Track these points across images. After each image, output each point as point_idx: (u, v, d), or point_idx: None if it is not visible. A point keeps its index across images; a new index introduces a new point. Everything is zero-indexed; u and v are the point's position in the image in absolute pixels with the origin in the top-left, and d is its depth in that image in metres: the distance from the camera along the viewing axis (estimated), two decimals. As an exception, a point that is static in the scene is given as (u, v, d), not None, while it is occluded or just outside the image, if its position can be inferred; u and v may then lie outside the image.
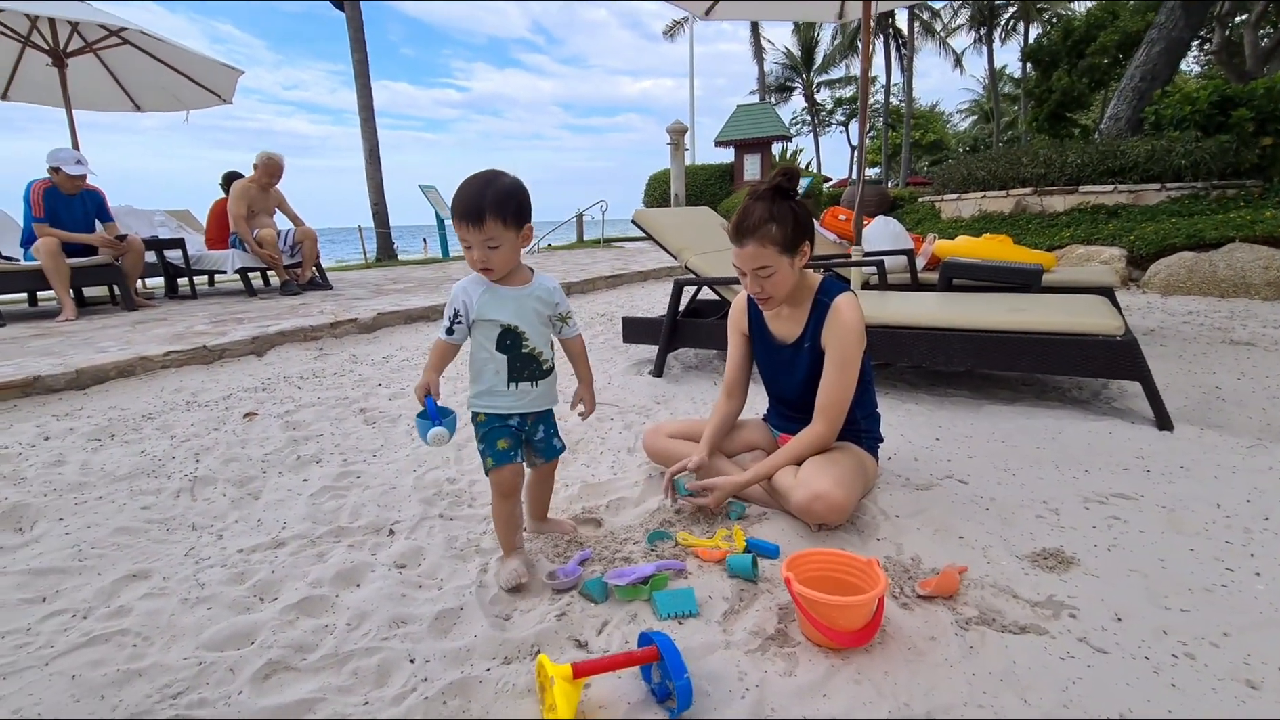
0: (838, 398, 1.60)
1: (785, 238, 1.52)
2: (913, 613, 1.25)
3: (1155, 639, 1.15)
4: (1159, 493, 1.72)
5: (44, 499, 1.86)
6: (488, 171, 1.35)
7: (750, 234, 1.53)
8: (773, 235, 1.51)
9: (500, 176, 1.33)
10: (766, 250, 1.52)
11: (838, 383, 1.59)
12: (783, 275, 1.56)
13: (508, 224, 1.31)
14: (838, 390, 1.60)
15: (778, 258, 1.53)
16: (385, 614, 1.32)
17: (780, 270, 1.55)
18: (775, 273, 1.55)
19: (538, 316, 1.43)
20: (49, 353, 3.28)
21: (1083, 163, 6.72)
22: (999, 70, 31.44)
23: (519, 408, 1.44)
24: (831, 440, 1.64)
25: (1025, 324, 2.36)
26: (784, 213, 1.52)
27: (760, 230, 1.51)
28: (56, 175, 4.63)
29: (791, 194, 1.54)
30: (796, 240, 1.54)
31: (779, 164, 9.97)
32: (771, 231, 1.51)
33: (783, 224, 1.51)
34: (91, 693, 1.12)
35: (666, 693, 1.04)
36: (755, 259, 1.54)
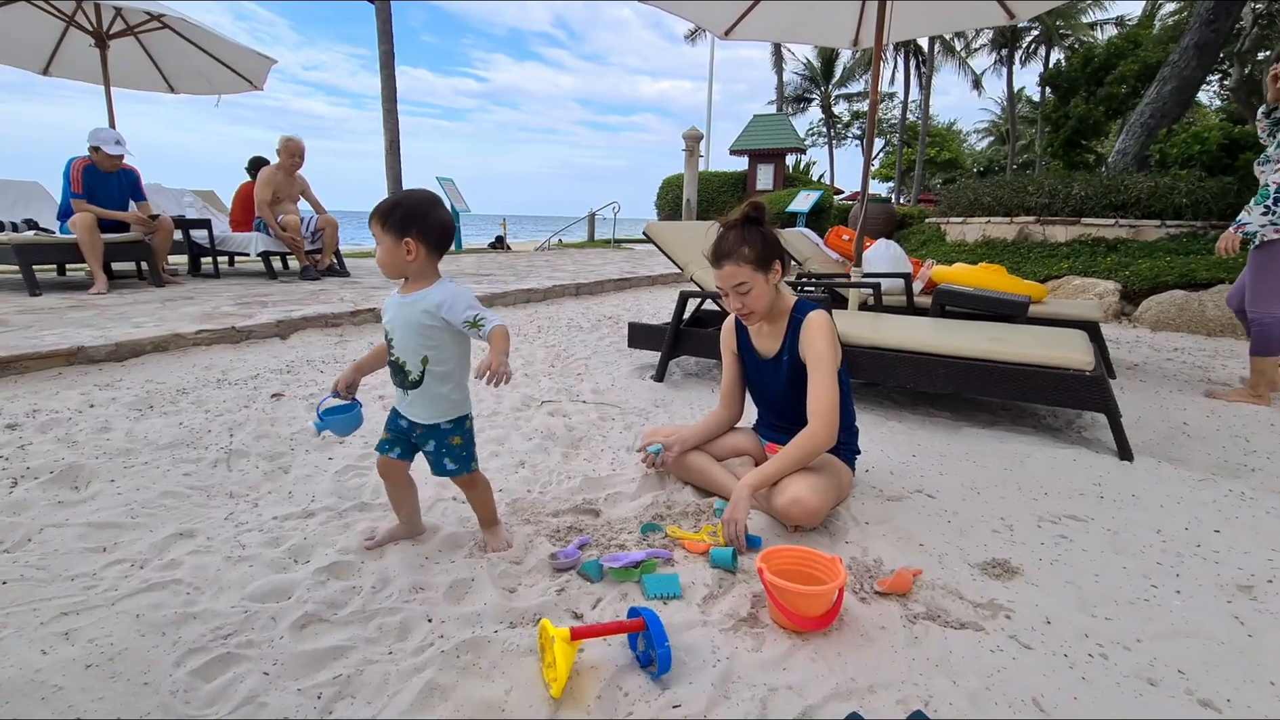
0: (825, 400, 1.74)
1: (757, 257, 1.74)
2: (869, 606, 1.43)
3: (1076, 640, 1.32)
4: (1107, 517, 1.89)
5: (96, 461, 2.05)
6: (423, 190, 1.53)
7: (727, 256, 1.76)
8: (746, 255, 1.74)
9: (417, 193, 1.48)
10: (742, 269, 1.75)
11: (821, 384, 1.76)
12: (759, 290, 1.78)
13: (385, 229, 1.42)
14: (824, 393, 1.75)
15: (753, 274, 1.75)
16: (406, 580, 1.50)
17: (756, 286, 1.77)
18: (752, 288, 1.77)
19: (417, 327, 1.46)
20: (88, 324, 3.48)
21: (1087, 195, 6.88)
22: (1017, 92, 31.52)
23: (402, 409, 1.57)
24: (828, 440, 1.73)
25: (1004, 354, 2.53)
26: (754, 236, 1.75)
27: (735, 252, 1.75)
28: (96, 154, 4.84)
29: (759, 222, 1.78)
30: (767, 258, 1.76)
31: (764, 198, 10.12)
32: (744, 252, 1.74)
33: (753, 246, 1.74)
34: (154, 629, 1.30)
35: (649, 659, 1.22)
36: (733, 277, 1.76)
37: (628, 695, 1.16)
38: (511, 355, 3.80)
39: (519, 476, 2.13)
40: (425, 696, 1.15)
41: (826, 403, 1.74)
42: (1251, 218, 2.96)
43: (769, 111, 24.91)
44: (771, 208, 14.23)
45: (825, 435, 1.74)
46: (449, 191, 12.09)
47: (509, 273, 7.34)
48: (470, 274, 7.09)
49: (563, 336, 4.45)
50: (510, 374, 1.40)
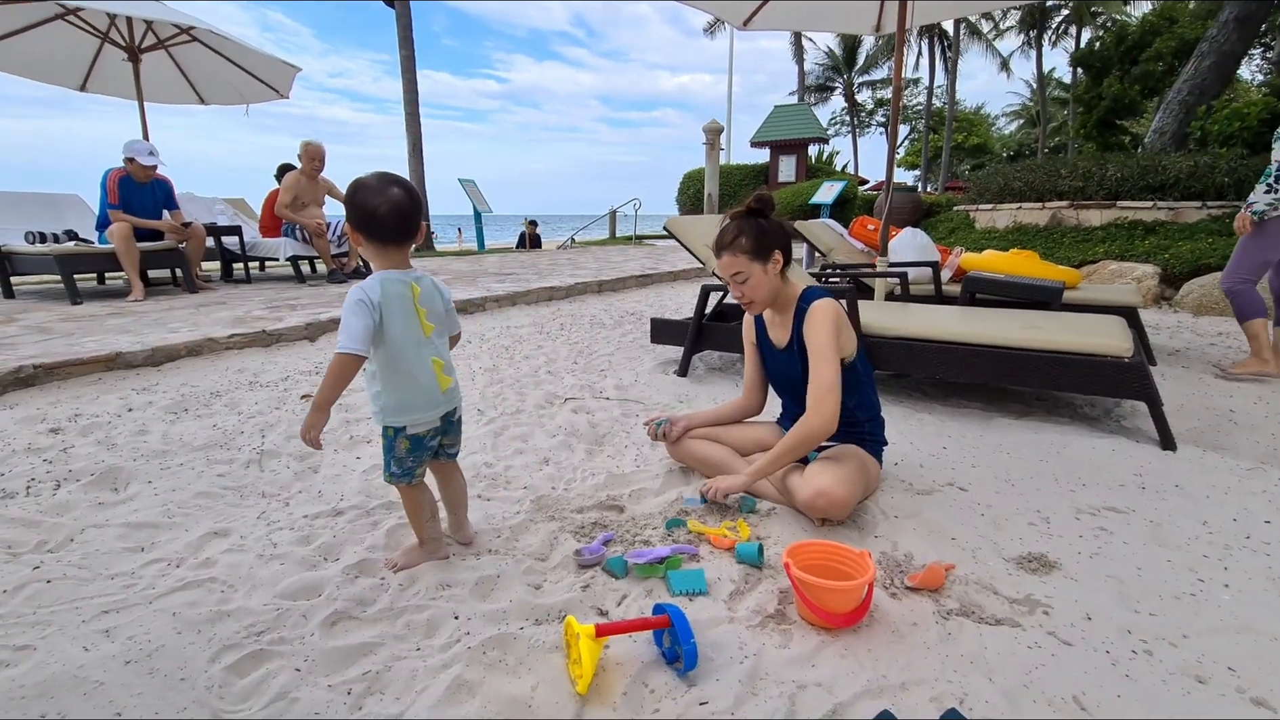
0: (821, 386, 1.72)
1: (753, 247, 1.76)
2: (900, 602, 1.40)
3: (1119, 637, 1.28)
4: (1150, 508, 1.82)
5: (134, 463, 2.11)
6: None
7: (725, 247, 1.80)
8: (742, 246, 1.77)
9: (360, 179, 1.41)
10: (739, 259, 1.77)
11: (818, 372, 1.73)
12: (757, 280, 1.79)
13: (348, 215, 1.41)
14: (820, 379, 1.72)
15: (749, 264, 1.77)
16: (432, 578, 1.51)
17: (754, 275, 1.78)
18: (749, 278, 1.79)
19: None
20: (125, 330, 3.58)
21: (1122, 177, 6.65)
22: (1048, 74, 30.64)
23: None
24: (823, 429, 1.69)
25: (1038, 342, 2.45)
26: (751, 227, 1.77)
27: (732, 243, 1.78)
28: (131, 165, 4.98)
29: (761, 214, 1.80)
30: (764, 248, 1.77)
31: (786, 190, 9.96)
32: (741, 243, 1.77)
33: (749, 236, 1.76)
34: (190, 627, 1.33)
35: (675, 656, 1.21)
36: (731, 267, 1.79)
37: (654, 692, 1.15)
38: (535, 353, 3.82)
39: (543, 474, 2.13)
40: (453, 692, 1.15)
41: (822, 390, 1.71)
42: (1256, 196, 3.09)
43: (790, 102, 24.61)
44: (794, 200, 14.12)
45: (819, 424, 1.70)
46: (471, 193, 12.19)
47: (531, 271, 7.38)
48: (494, 273, 7.14)
49: (585, 333, 4.46)
50: (314, 442, 1.35)
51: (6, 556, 1.58)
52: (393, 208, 1.38)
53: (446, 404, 1.50)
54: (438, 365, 1.47)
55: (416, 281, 1.45)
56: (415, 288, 1.44)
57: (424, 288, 1.46)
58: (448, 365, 1.51)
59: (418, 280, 1.45)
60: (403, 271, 1.44)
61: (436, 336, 1.48)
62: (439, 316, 1.49)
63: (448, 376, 1.49)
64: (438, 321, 1.48)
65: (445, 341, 1.54)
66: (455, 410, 1.56)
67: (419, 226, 1.47)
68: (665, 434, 2.10)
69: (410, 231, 1.44)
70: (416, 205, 1.43)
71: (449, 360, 1.52)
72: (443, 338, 1.52)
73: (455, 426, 1.58)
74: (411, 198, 1.42)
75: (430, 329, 1.46)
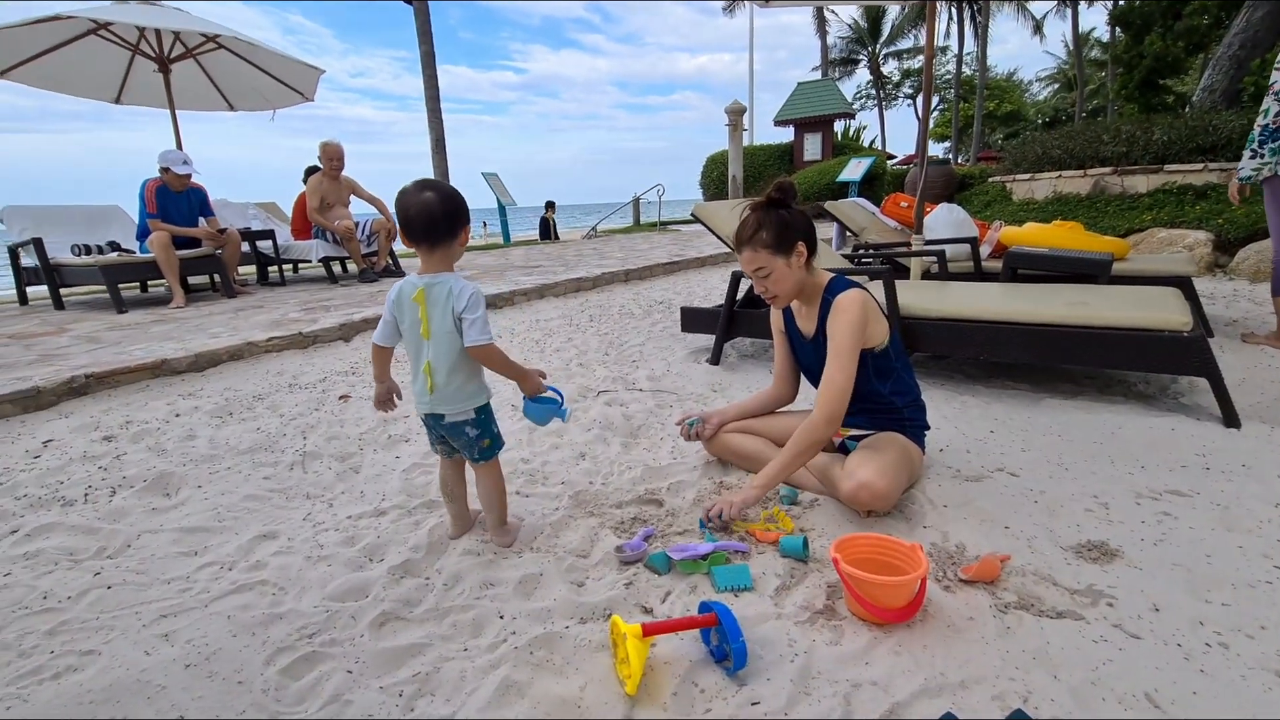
0: (830, 387, 1.67)
1: (775, 240, 1.69)
2: (954, 595, 1.35)
3: (1190, 629, 1.22)
4: (1215, 490, 1.73)
5: (184, 468, 2.17)
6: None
7: (745, 242, 1.73)
8: (763, 240, 1.69)
9: None
10: (760, 254, 1.70)
11: (834, 371, 1.68)
12: (779, 274, 1.72)
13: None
14: (831, 380, 1.67)
15: (771, 259, 1.70)
16: (476, 577, 1.52)
17: (776, 269, 1.72)
18: (771, 272, 1.72)
19: None
20: (169, 337, 3.69)
21: (1169, 140, 6.34)
22: (1085, 35, 29.33)
23: None
24: (826, 431, 1.66)
25: (1088, 318, 2.35)
26: (771, 219, 1.69)
27: (753, 237, 1.71)
28: (166, 174, 5.10)
29: (783, 204, 1.72)
30: (786, 241, 1.69)
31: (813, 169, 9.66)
32: (762, 237, 1.70)
33: (769, 229, 1.69)
34: (245, 630, 1.36)
35: (724, 654, 1.19)
36: (752, 262, 1.73)
37: (704, 692, 1.14)
38: (565, 345, 3.82)
39: (580, 469, 2.13)
40: (502, 693, 1.15)
41: (830, 391, 1.66)
42: (1242, 163, 3.08)
43: (814, 78, 24.05)
44: (821, 178, 13.83)
45: (824, 425, 1.66)
46: (494, 186, 12.23)
47: (558, 263, 7.38)
48: (520, 266, 7.16)
49: (615, 324, 4.44)
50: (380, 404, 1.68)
51: (70, 563, 1.64)
52: (405, 214, 1.47)
53: (430, 405, 1.55)
54: (428, 369, 1.52)
55: (427, 288, 1.49)
56: (422, 293, 1.49)
57: (432, 296, 1.49)
58: (441, 371, 1.51)
59: (429, 287, 1.49)
60: (422, 276, 1.51)
61: (436, 342, 1.50)
62: (442, 325, 1.49)
63: (436, 381, 1.52)
64: (439, 329, 1.50)
65: (449, 348, 1.50)
66: (444, 416, 1.56)
67: (434, 234, 1.48)
68: (698, 433, 2.07)
69: (419, 237, 1.48)
70: (428, 213, 1.46)
71: (446, 367, 1.51)
72: (444, 344, 1.50)
73: (453, 431, 1.58)
74: (421, 206, 1.46)
75: (429, 335, 1.50)
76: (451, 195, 1.50)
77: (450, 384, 1.53)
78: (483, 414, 1.59)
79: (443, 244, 1.50)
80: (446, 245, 1.50)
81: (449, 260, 1.53)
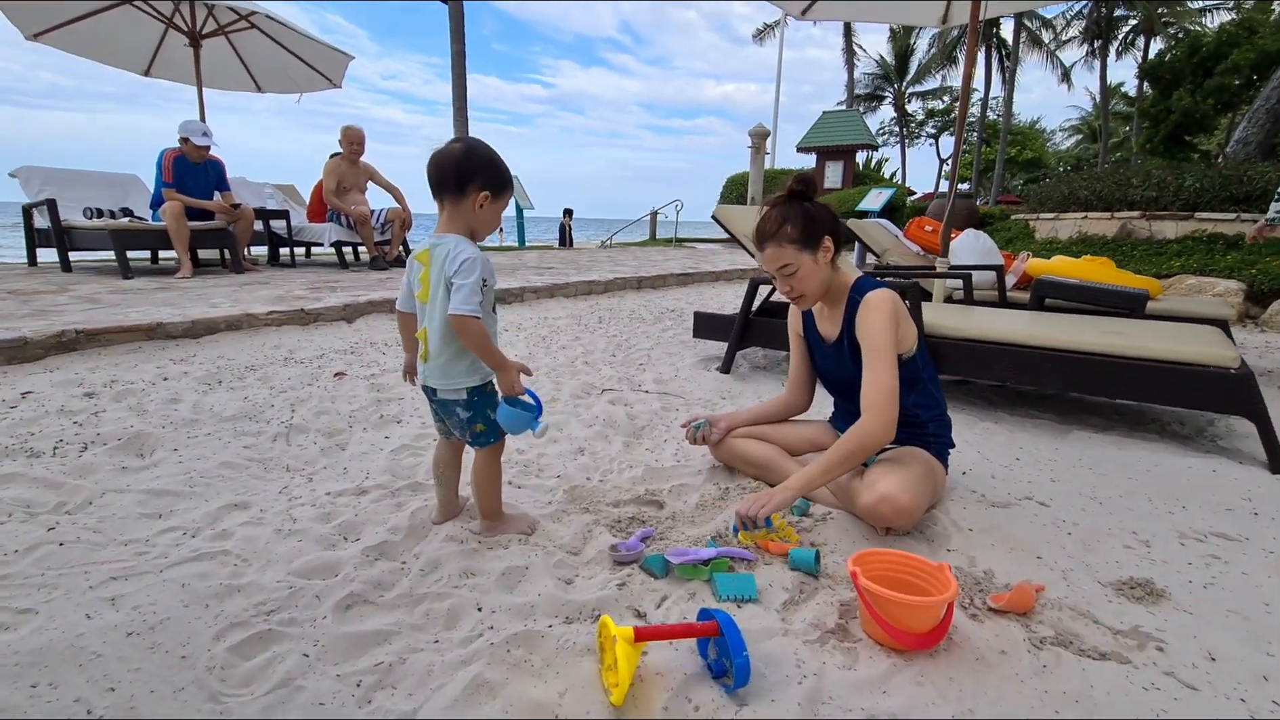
0: (878, 389, 1.53)
1: (800, 235, 1.57)
2: (982, 625, 1.22)
3: (1254, 684, 1.07)
4: (1267, 537, 1.59)
5: (162, 430, 2.06)
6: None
7: (769, 237, 1.60)
8: (788, 235, 1.57)
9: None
10: (785, 250, 1.58)
11: (875, 373, 1.54)
12: (806, 271, 1.60)
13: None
14: (877, 381, 1.54)
15: (797, 255, 1.58)
16: (456, 565, 1.39)
17: (803, 266, 1.59)
18: (798, 269, 1.60)
19: None
20: (169, 304, 3.60)
21: (1201, 187, 6.23)
22: (1112, 88, 29.44)
23: None
24: (882, 436, 1.51)
25: (1127, 348, 2.22)
26: (796, 213, 1.58)
27: (777, 232, 1.58)
28: (185, 145, 5.07)
29: (805, 197, 1.60)
30: (813, 235, 1.58)
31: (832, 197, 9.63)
32: (787, 231, 1.57)
33: (795, 223, 1.57)
34: (198, 600, 1.24)
35: (723, 669, 1.06)
36: (777, 259, 1.60)
37: (699, 709, 1.00)
38: (572, 344, 3.71)
39: (578, 464, 2.00)
40: (471, 692, 1.02)
41: (879, 393, 1.52)
42: (1272, 208, 3.50)
43: (839, 109, 24.16)
44: (841, 206, 13.77)
45: (879, 430, 1.51)
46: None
47: (570, 266, 7.31)
48: (532, 267, 7.09)
49: (624, 327, 4.33)
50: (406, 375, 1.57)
51: (24, 515, 1.53)
52: (429, 163, 1.38)
53: (424, 377, 1.45)
54: (423, 335, 1.41)
55: (432, 247, 1.38)
56: (426, 252, 1.38)
57: (434, 256, 1.37)
58: (434, 339, 1.39)
59: (434, 247, 1.38)
60: (432, 235, 1.41)
61: (431, 307, 1.39)
62: (437, 288, 1.37)
63: (430, 350, 1.41)
64: (434, 292, 1.37)
65: (442, 316, 1.36)
66: (436, 391, 1.44)
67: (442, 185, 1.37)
68: (705, 436, 1.92)
69: (432, 187, 1.39)
70: (442, 162, 1.36)
71: (438, 336, 1.38)
72: (438, 310, 1.37)
73: (445, 409, 1.47)
74: (441, 155, 1.37)
75: (427, 298, 1.39)
76: (472, 150, 1.37)
77: (440, 357, 1.40)
78: (476, 395, 1.44)
79: (450, 199, 1.37)
80: (454, 201, 1.38)
81: (462, 222, 1.39)
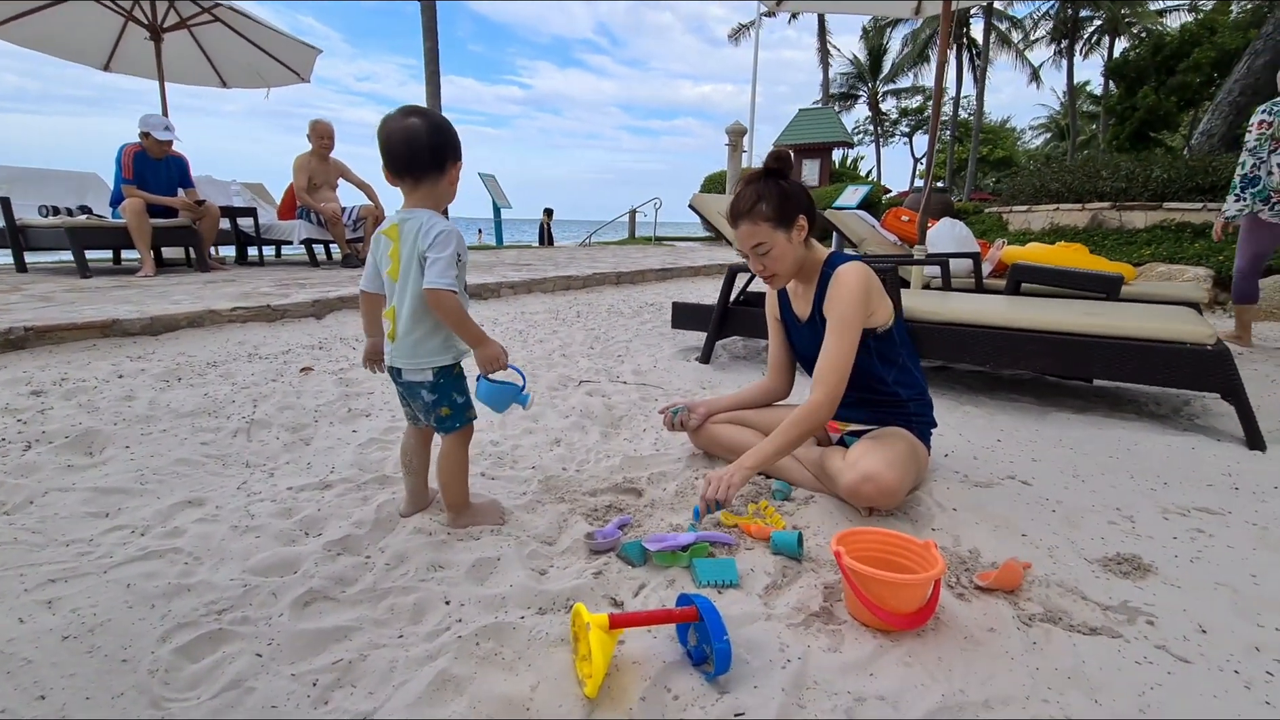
0: (832, 364, 1.52)
1: (775, 212, 1.54)
2: (970, 604, 1.18)
3: (1246, 654, 1.05)
4: (1249, 510, 1.58)
5: (114, 427, 1.95)
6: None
7: (743, 215, 1.56)
8: (763, 212, 1.54)
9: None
10: (759, 227, 1.55)
11: (832, 348, 1.53)
12: (780, 249, 1.57)
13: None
14: (832, 356, 1.53)
15: (771, 233, 1.55)
16: (424, 558, 1.32)
17: (777, 245, 1.56)
18: (772, 247, 1.56)
19: None
20: (127, 301, 3.46)
21: (1169, 178, 6.34)
22: (1079, 86, 30.06)
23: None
24: (828, 409, 1.53)
25: (1105, 327, 2.21)
26: (771, 190, 1.54)
27: (751, 210, 1.55)
28: (146, 140, 4.89)
29: (781, 175, 1.57)
30: (787, 213, 1.55)
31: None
32: (761, 209, 1.54)
33: (770, 201, 1.54)
34: (143, 601, 1.15)
35: (703, 656, 1.01)
36: (751, 237, 1.56)
37: (678, 699, 0.95)
38: (549, 337, 3.65)
39: (554, 454, 1.94)
40: (436, 689, 0.96)
41: (830, 366, 1.52)
42: (1227, 205, 3.61)
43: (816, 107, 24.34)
44: (817, 203, 13.85)
45: (826, 403, 1.51)
46: (490, 187, 12.10)
47: (548, 263, 7.23)
48: (510, 263, 6.99)
49: (603, 321, 4.27)
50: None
51: (-44, 517, 1.42)
52: (386, 141, 1.30)
53: (390, 357, 1.39)
54: (391, 314, 1.36)
55: (401, 223, 1.31)
56: (395, 228, 1.32)
57: (404, 232, 1.31)
58: (403, 317, 1.33)
59: (403, 222, 1.31)
60: (400, 211, 1.34)
61: (401, 284, 1.32)
62: (409, 264, 1.31)
63: (398, 329, 1.34)
64: (405, 269, 1.31)
65: (413, 293, 1.31)
66: (401, 372, 1.38)
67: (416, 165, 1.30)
68: (683, 422, 1.88)
69: (400, 168, 1.31)
70: (412, 140, 1.28)
71: (408, 314, 1.32)
72: (408, 288, 1.31)
73: (410, 391, 1.41)
74: (404, 132, 1.28)
75: (397, 275, 1.32)
76: (440, 124, 1.31)
77: (410, 335, 1.34)
78: (442, 377, 1.38)
79: (427, 179, 1.31)
80: (432, 181, 1.32)
81: (435, 199, 1.34)
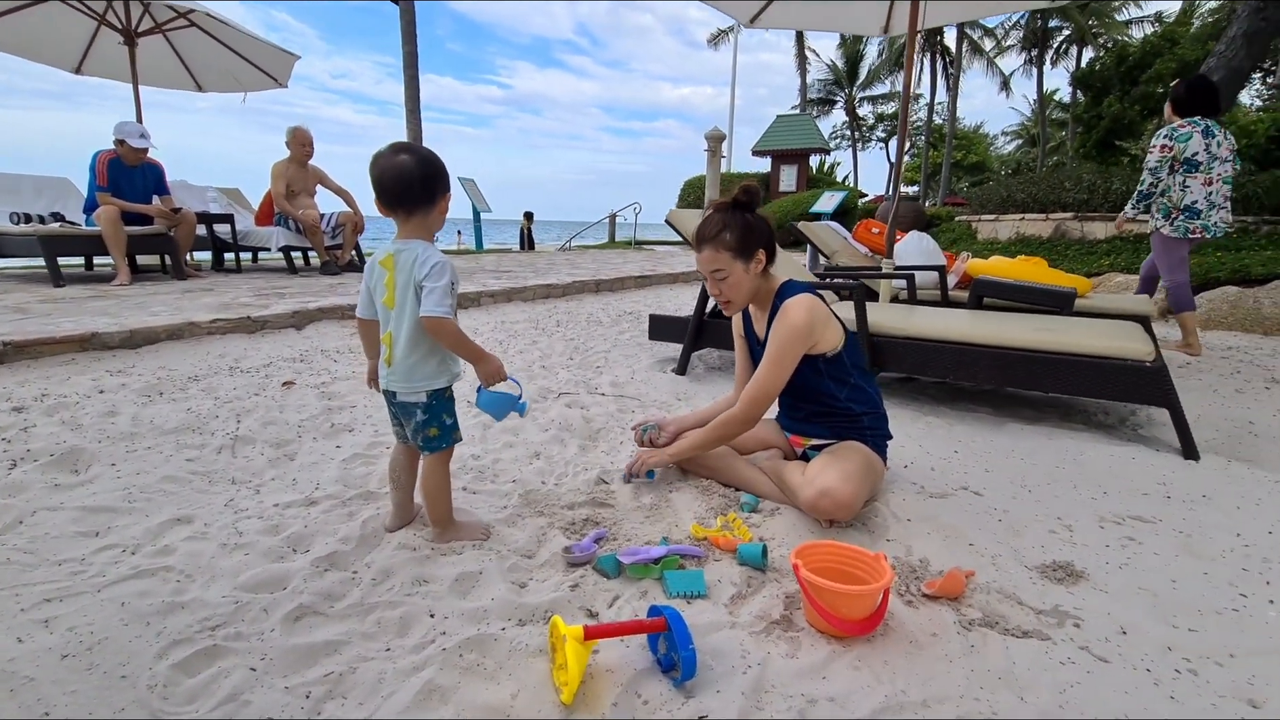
0: (759, 388, 1.67)
1: (737, 243, 1.65)
2: (917, 610, 1.28)
3: (1159, 654, 1.16)
4: (1177, 518, 1.71)
5: (98, 445, 1.98)
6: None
7: (707, 240, 1.67)
8: (726, 241, 1.64)
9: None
10: (721, 255, 1.65)
11: (763, 374, 1.67)
12: (736, 278, 1.68)
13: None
14: (762, 381, 1.67)
15: (731, 262, 1.66)
16: (409, 573, 1.39)
17: (734, 274, 1.67)
18: (729, 275, 1.67)
19: None
20: (105, 313, 3.45)
21: (1128, 190, 6.59)
22: (1048, 94, 30.83)
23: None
24: (743, 425, 1.71)
25: (1053, 344, 2.35)
26: (737, 222, 1.65)
27: (715, 237, 1.65)
28: (121, 147, 4.85)
29: (748, 207, 1.68)
30: (748, 245, 1.65)
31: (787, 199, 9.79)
32: (725, 238, 1.64)
33: (734, 231, 1.64)
34: (138, 619, 1.21)
35: (671, 664, 1.09)
36: (711, 262, 1.67)
37: (647, 703, 1.04)
38: (529, 348, 3.71)
39: (533, 468, 2.01)
40: (423, 699, 1.03)
41: (756, 391, 1.68)
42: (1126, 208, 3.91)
43: (793, 113, 24.66)
44: (795, 209, 14.06)
45: (741, 423, 1.70)
46: (470, 191, 12.09)
47: (529, 270, 7.27)
48: (490, 270, 7.03)
49: (582, 330, 4.35)
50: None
51: (-54, 538, 1.46)
52: (379, 178, 1.39)
53: (385, 380, 1.47)
54: (388, 339, 1.44)
55: (396, 254, 1.40)
56: (391, 258, 1.40)
57: (400, 262, 1.39)
58: (400, 343, 1.41)
59: (398, 253, 1.40)
60: (395, 242, 1.43)
61: (398, 312, 1.41)
62: (405, 293, 1.39)
63: (395, 354, 1.43)
64: (402, 297, 1.39)
65: (410, 320, 1.39)
66: (396, 394, 1.46)
67: (409, 199, 1.39)
68: (653, 440, 1.97)
69: (393, 202, 1.39)
70: (403, 176, 1.37)
71: (405, 340, 1.41)
72: (405, 315, 1.40)
73: (404, 411, 1.49)
74: (396, 169, 1.37)
75: (393, 303, 1.41)
76: (429, 159, 1.39)
77: (407, 359, 1.42)
78: (435, 400, 1.46)
79: (419, 211, 1.40)
80: (424, 213, 1.41)
81: (426, 229, 1.43)
